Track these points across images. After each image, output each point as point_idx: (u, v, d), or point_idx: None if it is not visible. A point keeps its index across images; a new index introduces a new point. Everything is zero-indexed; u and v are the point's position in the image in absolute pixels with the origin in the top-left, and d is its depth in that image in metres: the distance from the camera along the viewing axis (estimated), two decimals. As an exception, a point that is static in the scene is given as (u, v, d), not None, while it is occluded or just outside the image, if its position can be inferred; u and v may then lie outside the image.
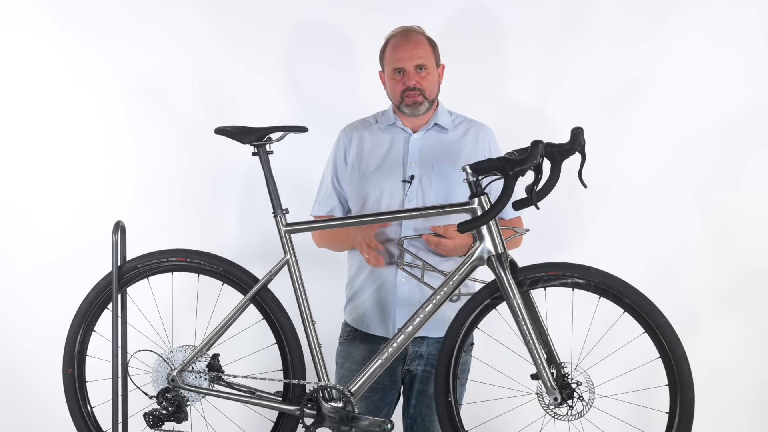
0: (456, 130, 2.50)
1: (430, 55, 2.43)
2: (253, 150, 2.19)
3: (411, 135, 2.47)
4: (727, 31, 3.11)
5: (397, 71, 2.41)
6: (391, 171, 2.44)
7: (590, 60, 3.16)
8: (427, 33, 2.50)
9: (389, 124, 2.49)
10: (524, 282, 2.04)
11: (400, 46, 2.42)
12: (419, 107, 2.42)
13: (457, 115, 2.55)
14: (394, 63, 2.41)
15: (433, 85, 2.44)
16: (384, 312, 2.44)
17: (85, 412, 2.36)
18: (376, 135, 2.50)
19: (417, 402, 2.50)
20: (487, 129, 2.53)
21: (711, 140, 3.16)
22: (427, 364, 2.46)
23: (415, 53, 2.39)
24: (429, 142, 2.46)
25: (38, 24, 3.15)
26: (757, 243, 3.20)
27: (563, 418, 2.05)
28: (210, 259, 2.27)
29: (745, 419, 3.25)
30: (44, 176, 3.21)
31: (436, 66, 2.47)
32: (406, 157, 2.45)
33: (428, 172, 2.42)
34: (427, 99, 2.42)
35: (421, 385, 2.49)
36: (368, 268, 2.44)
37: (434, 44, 2.48)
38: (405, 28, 2.47)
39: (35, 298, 3.22)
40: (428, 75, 2.42)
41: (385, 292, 2.42)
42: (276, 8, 3.18)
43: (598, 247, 3.17)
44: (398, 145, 2.47)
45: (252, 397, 2.26)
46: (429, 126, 2.47)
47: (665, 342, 1.97)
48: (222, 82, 3.21)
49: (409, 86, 2.39)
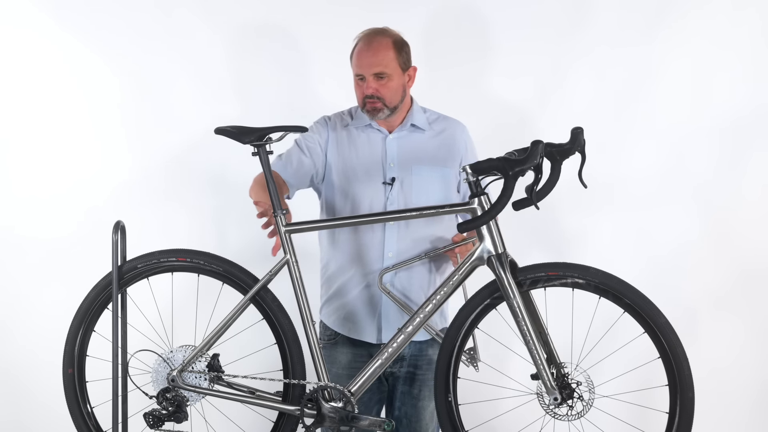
0: (431, 129, 2.48)
1: (392, 61, 2.36)
2: (253, 150, 2.19)
3: (387, 135, 2.45)
4: (727, 32, 3.11)
5: (359, 77, 2.38)
6: (371, 173, 2.42)
7: (590, 60, 3.16)
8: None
9: (365, 125, 2.46)
10: (524, 282, 2.04)
11: (362, 52, 2.37)
12: (378, 113, 2.38)
13: (432, 112, 2.52)
14: (356, 69, 2.39)
15: (394, 92, 2.38)
16: (373, 316, 2.42)
17: (85, 412, 2.35)
18: (352, 135, 2.47)
19: (402, 404, 2.50)
20: (462, 126, 2.52)
21: (711, 140, 3.16)
22: (410, 365, 2.46)
23: (374, 61, 2.34)
24: (406, 143, 2.44)
25: (38, 25, 3.15)
26: (757, 243, 3.20)
27: (563, 418, 2.05)
28: (210, 259, 2.27)
29: (745, 419, 3.25)
30: (44, 176, 3.21)
31: (403, 70, 2.40)
32: (384, 159, 2.43)
33: (408, 174, 2.40)
34: (387, 106, 2.37)
35: (405, 387, 2.48)
36: (354, 267, 2.41)
37: (401, 47, 2.40)
38: (370, 33, 2.41)
39: (35, 298, 3.22)
40: (389, 82, 2.36)
41: (373, 293, 2.41)
42: (276, 8, 3.18)
43: (598, 247, 3.17)
44: (376, 146, 2.44)
45: (252, 397, 2.26)
46: (404, 126, 2.45)
47: (665, 342, 1.97)
48: (222, 82, 3.21)
49: (367, 94, 2.36)
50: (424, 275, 2.44)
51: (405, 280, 2.41)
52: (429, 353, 2.47)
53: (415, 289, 2.42)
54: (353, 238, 2.42)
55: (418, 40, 3.20)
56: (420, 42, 3.22)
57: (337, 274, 2.47)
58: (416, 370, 2.48)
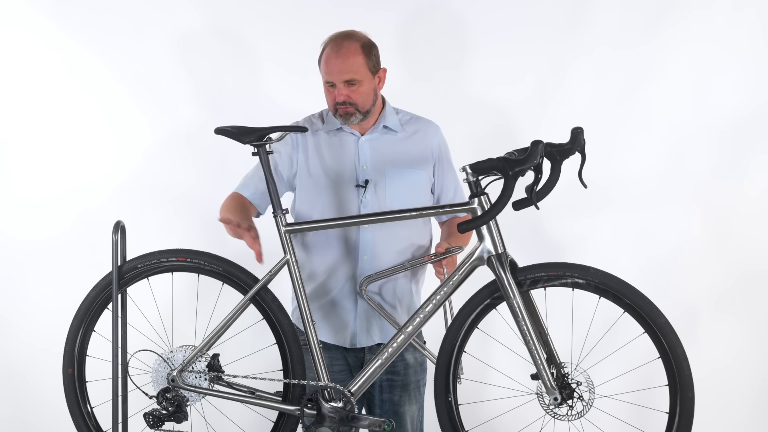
0: (404, 130, 2.45)
1: (362, 66, 2.31)
2: (253, 150, 2.19)
3: (360, 138, 2.42)
4: (726, 32, 3.11)
5: (329, 84, 2.35)
6: (344, 176, 2.40)
7: (590, 60, 3.16)
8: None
9: (337, 128, 2.43)
10: (524, 282, 2.04)
11: (330, 59, 2.33)
12: (351, 118, 2.35)
13: (404, 113, 2.50)
14: (325, 76, 2.35)
15: (365, 97, 2.34)
16: (347, 319, 2.40)
17: (85, 412, 2.35)
18: (323, 139, 2.43)
19: (382, 411, 2.46)
20: (435, 127, 2.49)
21: (710, 141, 3.16)
22: (387, 372, 2.37)
23: (344, 67, 2.30)
24: (379, 145, 2.42)
25: (37, 25, 3.15)
26: (757, 242, 3.20)
27: (563, 418, 2.05)
28: (210, 259, 2.27)
29: (745, 419, 3.25)
30: (45, 176, 3.21)
31: (373, 73, 2.35)
32: (357, 162, 2.40)
33: (381, 177, 2.39)
34: (359, 111, 2.35)
35: (385, 395, 2.45)
36: (329, 270, 2.39)
37: (369, 50, 2.35)
38: (337, 37, 2.35)
39: (35, 298, 3.22)
40: (359, 87, 2.32)
41: (348, 297, 2.38)
42: (276, 8, 3.19)
43: (598, 246, 3.17)
44: (349, 148, 2.41)
45: (252, 397, 2.26)
46: (377, 128, 2.43)
47: (665, 342, 1.97)
48: (222, 81, 3.21)
49: (338, 101, 2.33)
50: (405, 284, 2.43)
51: (390, 290, 2.40)
52: (406, 357, 2.44)
53: (398, 297, 2.41)
54: (326, 242, 2.39)
55: (418, 39, 3.22)
56: (420, 42, 3.23)
57: (311, 277, 2.43)
58: (394, 376, 2.44)
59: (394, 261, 2.37)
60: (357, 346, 2.41)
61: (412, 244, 2.42)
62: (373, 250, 2.37)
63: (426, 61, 3.23)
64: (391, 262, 2.36)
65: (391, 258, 2.37)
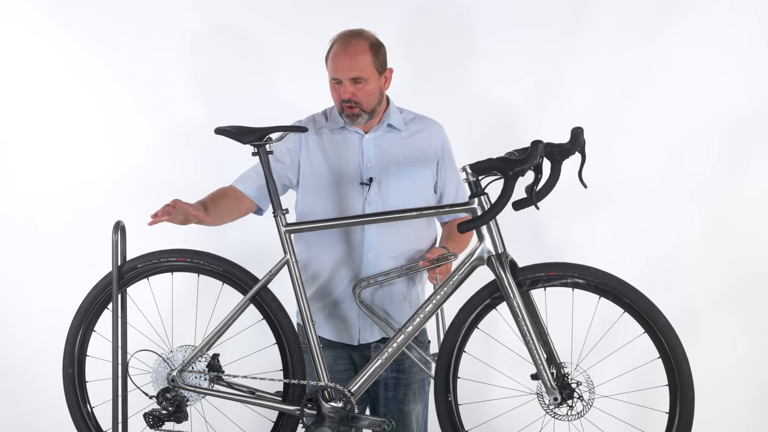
0: (407, 129, 2.46)
1: (369, 65, 2.32)
2: (253, 150, 2.19)
3: (363, 136, 2.42)
4: (726, 33, 3.11)
5: (335, 81, 2.35)
6: (348, 174, 2.40)
7: (590, 60, 3.16)
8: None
9: (340, 126, 2.43)
10: (524, 282, 2.04)
11: (338, 56, 2.33)
12: (357, 119, 2.36)
13: (408, 112, 2.50)
14: (332, 73, 2.35)
15: (371, 96, 2.35)
16: (353, 317, 2.40)
17: (85, 412, 2.35)
18: (327, 137, 2.44)
19: (387, 409, 2.46)
20: (438, 126, 2.50)
21: (710, 140, 3.16)
22: (393, 370, 2.41)
23: (352, 65, 2.30)
24: (383, 143, 2.42)
25: (38, 25, 3.15)
26: (757, 242, 3.20)
27: (563, 418, 2.05)
28: (210, 259, 2.27)
29: (745, 419, 3.25)
30: (44, 176, 3.21)
31: (380, 73, 2.36)
32: (361, 160, 2.41)
33: (385, 175, 2.39)
34: (364, 111, 2.35)
35: (389, 393, 2.46)
36: (334, 268, 2.39)
37: (377, 50, 2.35)
38: (346, 35, 2.36)
39: (35, 298, 3.22)
40: (366, 86, 2.32)
41: (353, 294, 2.37)
42: (276, 8, 3.19)
43: (598, 246, 3.17)
44: (353, 146, 2.41)
45: (252, 397, 2.26)
46: (381, 126, 2.43)
47: (665, 342, 1.97)
48: (223, 81, 3.21)
49: (344, 99, 2.33)
50: (401, 287, 2.42)
51: (385, 294, 2.40)
52: (411, 355, 2.45)
53: (395, 302, 2.41)
54: (330, 240, 2.39)
55: (418, 39, 3.22)
56: (420, 42, 3.23)
57: (316, 276, 2.43)
58: (399, 374, 2.44)
59: (398, 258, 2.37)
60: (363, 343, 2.41)
61: (417, 241, 2.42)
62: (377, 248, 2.37)
63: (426, 61, 3.23)
64: (395, 258, 2.37)
65: (396, 254, 2.37)
